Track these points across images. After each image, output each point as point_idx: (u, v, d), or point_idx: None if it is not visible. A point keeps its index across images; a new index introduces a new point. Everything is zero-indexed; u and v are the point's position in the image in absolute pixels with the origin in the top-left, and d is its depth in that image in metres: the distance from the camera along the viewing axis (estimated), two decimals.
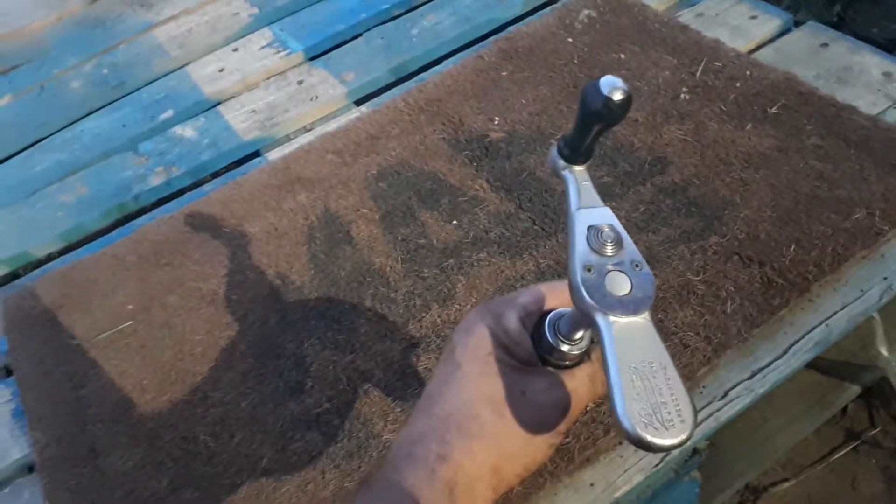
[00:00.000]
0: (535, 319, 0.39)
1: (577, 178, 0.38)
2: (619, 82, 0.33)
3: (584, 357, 0.39)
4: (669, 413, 0.31)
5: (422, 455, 0.36)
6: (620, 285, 0.34)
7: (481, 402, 0.37)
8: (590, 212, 0.37)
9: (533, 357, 0.39)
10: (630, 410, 0.30)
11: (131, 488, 0.62)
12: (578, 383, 0.38)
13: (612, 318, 0.33)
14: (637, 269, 0.35)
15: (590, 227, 0.36)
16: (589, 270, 0.34)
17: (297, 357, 0.68)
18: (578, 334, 0.38)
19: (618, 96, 0.33)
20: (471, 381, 0.37)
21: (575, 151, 0.37)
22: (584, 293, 0.33)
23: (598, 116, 0.34)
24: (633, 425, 0.30)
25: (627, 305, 0.33)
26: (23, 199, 0.95)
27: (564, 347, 0.38)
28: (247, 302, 0.74)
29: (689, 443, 0.39)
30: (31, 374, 0.72)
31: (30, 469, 0.67)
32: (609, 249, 0.35)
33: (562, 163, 0.38)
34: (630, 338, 0.33)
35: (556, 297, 0.40)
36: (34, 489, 0.65)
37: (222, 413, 0.65)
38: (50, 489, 0.63)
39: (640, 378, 0.32)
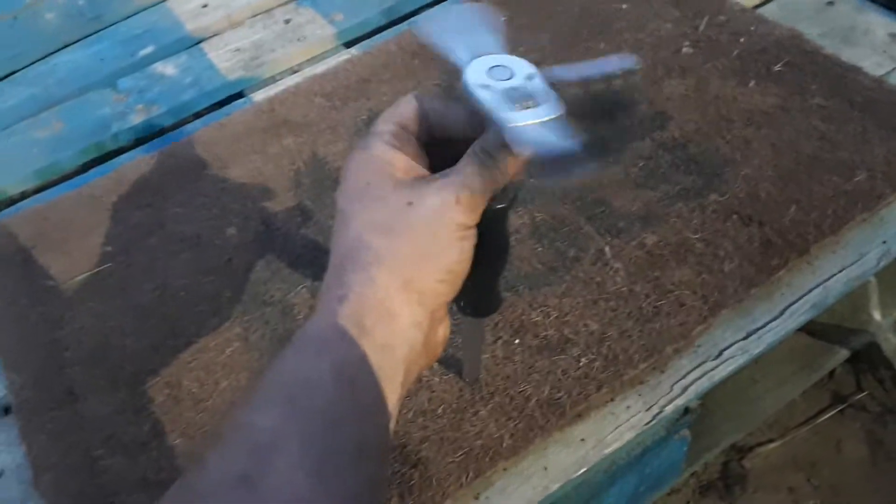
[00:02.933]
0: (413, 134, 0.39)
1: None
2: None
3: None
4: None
5: (324, 302, 0.36)
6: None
7: (368, 230, 0.36)
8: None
9: (417, 170, 0.38)
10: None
11: (111, 433, 0.60)
12: (468, 173, 0.37)
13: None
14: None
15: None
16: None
17: (284, 305, 0.66)
18: None
19: None
20: (353, 217, 0.37)
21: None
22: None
23: None
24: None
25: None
26: None
27: None
28: (231, 248, 0.72)
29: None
30: (5, 315, 0.69)
31: (6, 410, 0.65)
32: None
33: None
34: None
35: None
36: (10, 431, 0.63)
37: (207, 360, 0.63)
38: (27, 431, 0.61)
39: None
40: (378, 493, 0.35)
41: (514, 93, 0.36)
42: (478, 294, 0.46)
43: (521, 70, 0.37)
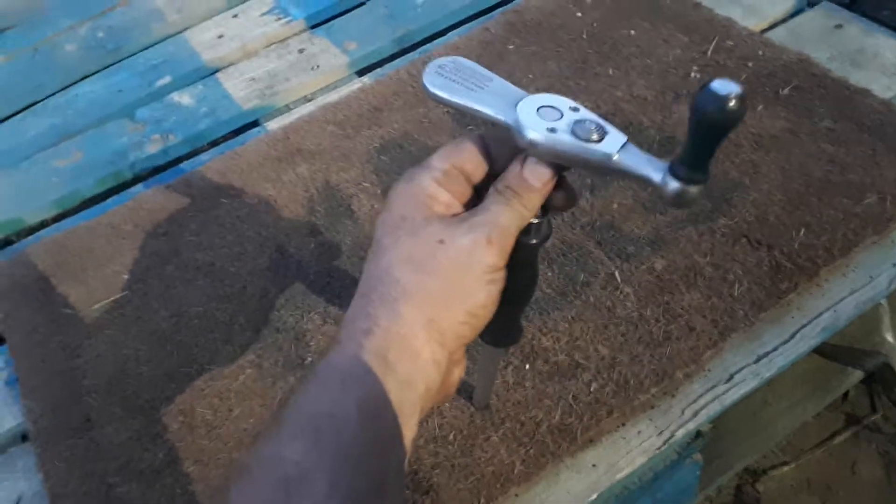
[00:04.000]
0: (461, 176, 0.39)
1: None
2: (734, 85, 0.31)
3: None
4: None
5: (349, 335, 0.36)
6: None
7: (399, 264, 0.36)
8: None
9: (458, 210, 0.39)
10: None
11: (127, 460, 0.61)
12: (494, 211, 0.37)
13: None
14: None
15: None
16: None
17: (297, 332, 0.67)
18: None
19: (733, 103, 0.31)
20: (387, 250, 0.37)
21: (696, 169, 0.34)
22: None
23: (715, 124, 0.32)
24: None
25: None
26: (16, 163, 0.93)
27: None
28: (245, 274, 0.73)
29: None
30: (24, 343, 0.71)
31: (24, 438, 0.66)
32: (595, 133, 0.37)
33: (680, 186, 0.35)
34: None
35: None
36: (28, 459, 0.64)
37: (220, 387, 0.64)
38: (44, 459, 0.62)
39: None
40: None
41: (581, 127, 0.37)
42: (501, 326, 0.47)
43: (563, 105, 0.38)
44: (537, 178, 0.37)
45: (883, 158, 0.71)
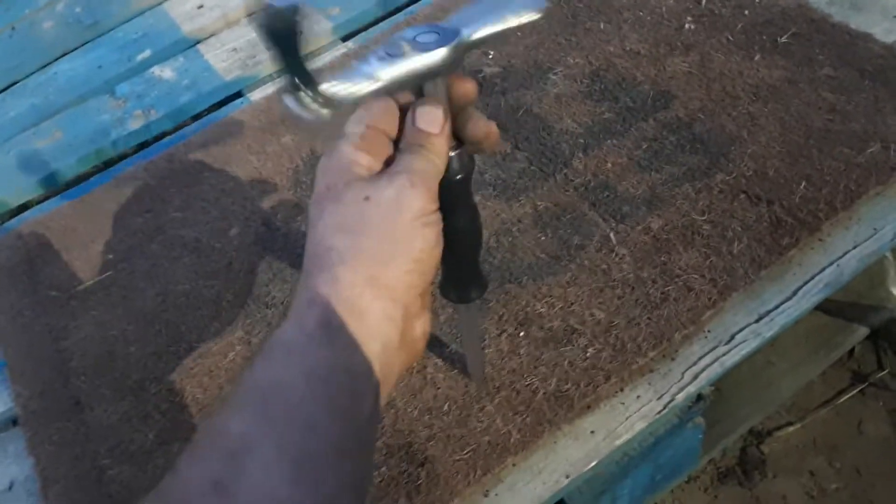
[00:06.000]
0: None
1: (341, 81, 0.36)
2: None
3: None
4: None
5: (294, 309, 0.36)
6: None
7: (331, 232, 0.36)
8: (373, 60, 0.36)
9: (378, 170, 0.38)
10: None
11: (117, 442, 0.60)
12: (408, 160, 0.37)
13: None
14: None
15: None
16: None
17: (286, 306, 0.65)
18: None
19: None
20: (317, 222, 0.37)
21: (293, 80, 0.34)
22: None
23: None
24: None
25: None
26: None
27: None
28: (231, 250, 0.71)
29: None
30: (10, 327, 0.69)
31: (13, 423, 0.65)
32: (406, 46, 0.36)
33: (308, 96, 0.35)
34: None
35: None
36: (18, 443, 0.63)
37: (210, 364, 0.63)
38: (35, 443, 0.61)
39: None
40: (360, 493, 0.34)
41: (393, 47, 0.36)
42: (457, 277, 0.46)
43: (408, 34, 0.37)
44: (430, 122, 0.37)
45: (886, 105, 0.68)
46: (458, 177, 0.40)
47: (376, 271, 0.36)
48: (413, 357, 0.40)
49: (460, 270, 0.45)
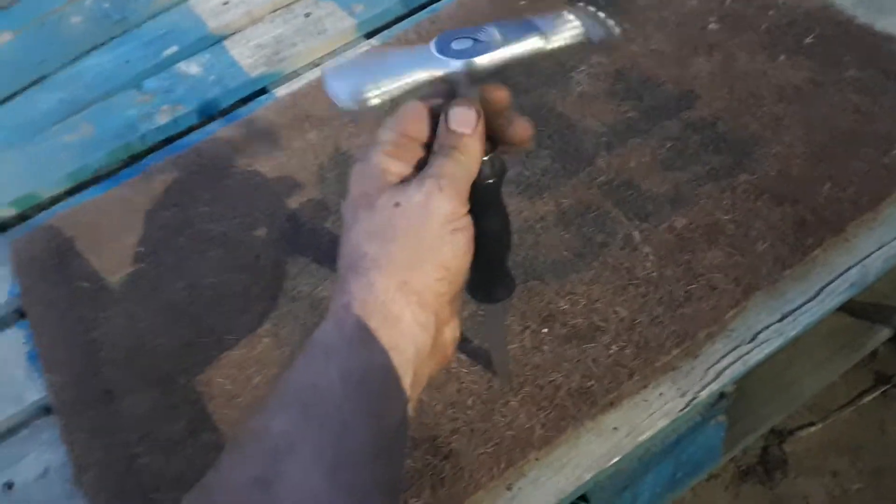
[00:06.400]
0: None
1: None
2: None
3: None
4: None
5: (332, 312, 0.37)
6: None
7: (364, 238, 0.37)
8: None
9: (410, 176, 0.39)
10: None
11: (147, 431, 0.61)
12: (438, 164, 0.37)
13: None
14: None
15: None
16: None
17: (312, 300, 0.67)
18: None
19: None
20: (351, 228, 0.38)
21: None
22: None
23: None
24: None
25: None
26: (27, 139, 0.93)
27: None
28: (258, 245, 0.72)
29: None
30: (44, 318, 0.71)
31: (47, 411, 0.67)
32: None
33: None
34: None
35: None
36: (52, 431, 0.64)
37: (238, 356, 0.64)
38: (68, 431, 0.63)
39: None
40: (394, 492, 0.36)
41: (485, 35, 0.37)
42: (486, 278, 0.46)
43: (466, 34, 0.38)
44: (463, 124, 0.38)
45: None
46: (490, 181, 0.40)
47: (407, 277, 0.36)
48: (443, 362, 0.41)
49: (489, 272, 0.45)
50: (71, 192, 0.87)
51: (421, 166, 0.39)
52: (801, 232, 0.62)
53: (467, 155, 0.38)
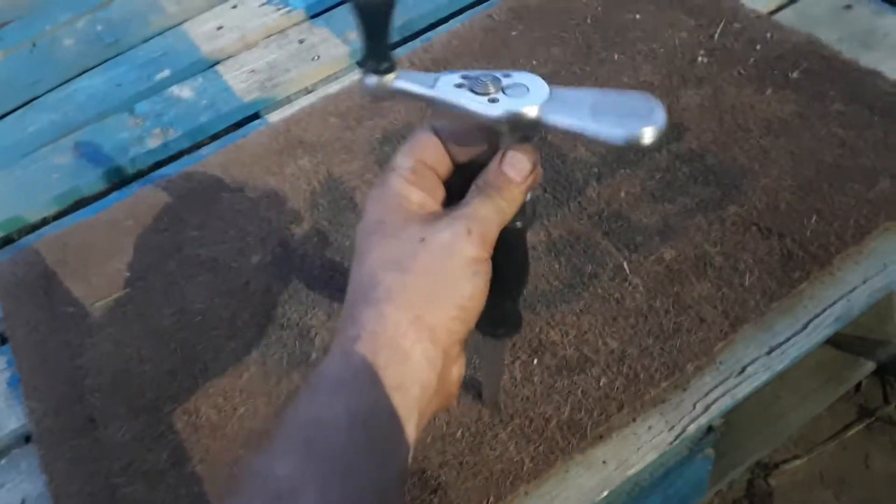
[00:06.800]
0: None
1: (407, 79, 0.36)
2: None
3: None
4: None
5: (338, 343, 0.36)
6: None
7: (381, 267, 0.36)
8: (450, 77, 0.37)
9: (432, 206, 0.38)
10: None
11: (130, 461, 0.60)
12: (475, 204, 0.37)
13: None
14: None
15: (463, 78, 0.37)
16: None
17: (301, 328, 0.66)
18: None
19: None
20: (367, 255, 0.37)
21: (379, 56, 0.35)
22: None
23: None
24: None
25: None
26: (16, 161, 0.92)
27: None
28: (248, 270, 0.72)
29: None
30: (26, 343, 0.70)
31: (27, 439, 0.66)
32: (490, 86, 0.36)
33: (377, 79, 0.36)
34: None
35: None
36: (31, 460, 0.63)
37: (225, 385, 0.64)
38: (48, 460, 0.62)
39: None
40: None
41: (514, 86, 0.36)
42: (497, 314, 0.46)
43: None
44: (517, 171, 0.37)
45: (895, 141, 0.69)
46: (519, 225, 0.40)
47: (421, 311, 0.35)
48: (445, 403, 0.40)
49: (500, 309, 0.45)
50: (58, 216, 0.86)
51: (438, 196, 0.39)
52: (789, 265, 0.62)
53: (508, 202, 0.37)
